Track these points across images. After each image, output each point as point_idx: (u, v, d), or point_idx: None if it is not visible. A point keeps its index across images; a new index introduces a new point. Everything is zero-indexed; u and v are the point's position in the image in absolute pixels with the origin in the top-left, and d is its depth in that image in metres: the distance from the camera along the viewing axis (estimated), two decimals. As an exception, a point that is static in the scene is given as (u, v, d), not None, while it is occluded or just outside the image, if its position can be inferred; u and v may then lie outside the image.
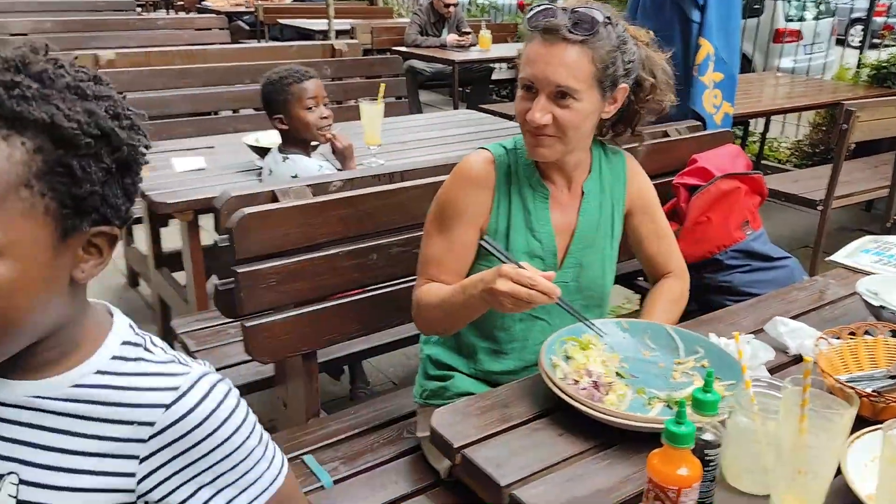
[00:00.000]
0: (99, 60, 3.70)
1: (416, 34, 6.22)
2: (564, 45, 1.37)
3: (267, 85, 2.37)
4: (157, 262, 2.96)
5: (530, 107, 1.41)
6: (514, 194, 1.53)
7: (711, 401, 1.00)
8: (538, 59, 1.39)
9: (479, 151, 1.56)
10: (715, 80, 3.11)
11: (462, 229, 1.51)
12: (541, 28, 1.39)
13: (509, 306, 1.30)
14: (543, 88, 1.39)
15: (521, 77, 1.43)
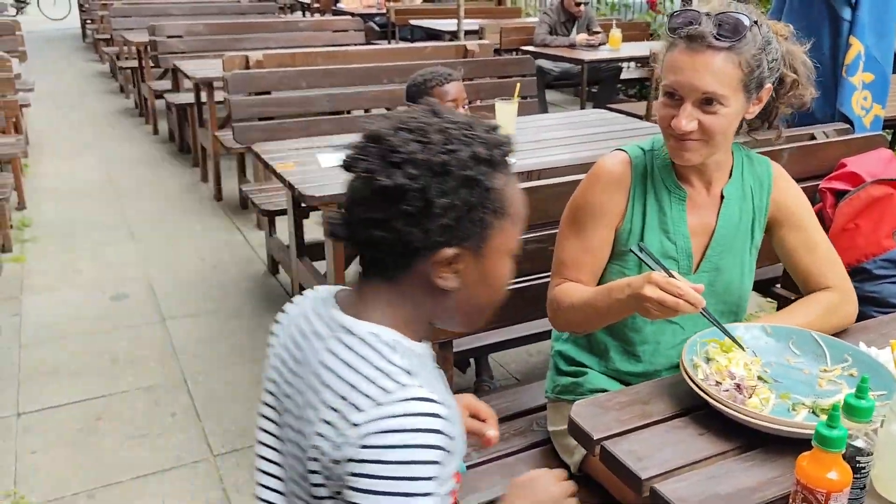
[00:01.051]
0: (249, 61, 3.95)
1: (545, 34, 6.23)
2: (710, 52, 1.36)
3: (412, 86, 2.47)
4: (298, 251, 3.14)
5: (674, 113, 1.41)
6: (650, 195, 1.53)
7: (865, 407, 0.99)
8: (683, 66, 1.37)
9: (615, 153, 1.57)
10: (865, 80, 2.97)
11: (597, 230, 1.53)
12: (684, 35, 1.38)
13: (655, 312, 1.32)
14: (689, 96, 1.39)
15: (665, 84, 1.42)
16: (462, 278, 0.94)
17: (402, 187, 0.87)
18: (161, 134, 6.67)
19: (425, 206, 0.87)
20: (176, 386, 2.90)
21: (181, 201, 5.00)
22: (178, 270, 3.93)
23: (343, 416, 0.87)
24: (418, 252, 0.91)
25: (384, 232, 0.89)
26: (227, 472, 2.43)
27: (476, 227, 0.91)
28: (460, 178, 0.88)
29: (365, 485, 0.85)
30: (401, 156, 0.88)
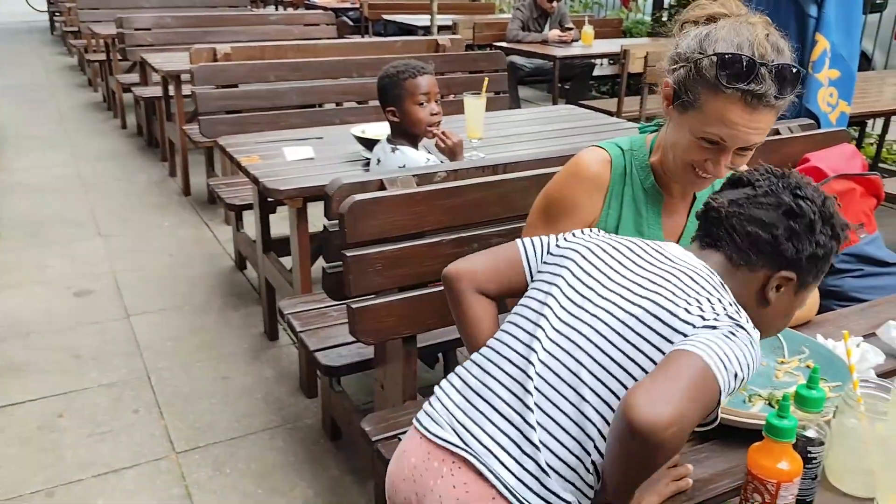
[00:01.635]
0: (217, 54, 3.90)
1: (518, 30, 6.23)
2: (766, 110, 1.28)
3: (384, 78, 2.44)
4: (265, 246, 3.10)
5: (710, 157, 1.34)
6: (627, 196, 1.52)
7: (816, 398, 0.99)
8: (739, 123, 1.28)
9: (594, 150, 1.54)
10: (831, 77, 3.00)
11: (568, 225, 1.51)
12: (744, 90, 1.25)
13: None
14: (734, 146, 1.32)
15: (711, 133, 1.31)
16: (777, 301, 1.15)
17: (802, 211, 1.12)
18: (129, 128, 6.58)
19: (808, 232, 1.12)
20: (139, 382, 2.86)
21: (149, 196, 4.93)
22: (144, 266, 3.88)
23: (714, 309, 1.06)
24: (773, 262, 1.13)
25: (764, 232, 1.12)
26: (190, 469, 2.40)
27: (817, 274, 1.16)
28: (834, 231, 1.14)
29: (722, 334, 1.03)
30: (805, 194, 1.14)
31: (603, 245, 1.21)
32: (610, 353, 1.07)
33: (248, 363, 3.00)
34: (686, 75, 1.33)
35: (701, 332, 1.03)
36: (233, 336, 3.20)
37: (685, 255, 1.17)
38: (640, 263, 1.16)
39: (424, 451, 1.15)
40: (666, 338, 1.05)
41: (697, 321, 1.04)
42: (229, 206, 3.47)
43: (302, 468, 2.41)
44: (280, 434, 2.57)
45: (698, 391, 0.95)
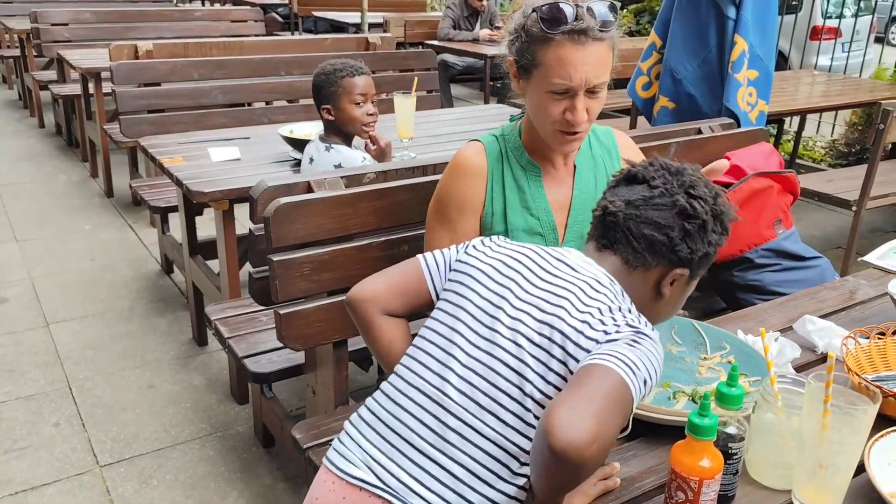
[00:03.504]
0: (138, 51, 3.77)
1: (449, 28, 6.24)
2: (595, 44, 1.38)
3: (320, 75, 2.40)
4: (191, 250, 3.02)
5: (565, 107, 1.42)
6: (508, 176, 1.57)
7: (735, 395, 1.01)
8: (575, 62, 1.37)
9: (470, 143, 1.61)
10: (750, 77, 3.09)
11: (464, 220, 1.57)
12: (567, 31, 1.37)
13: None
14: (581, 89, 1.40)
15: (556, 82, 1.39)
16: (670, 295, 1.18)
17: (696, 212, 1.14)
18: (48, 127, 6.31)
19: (701, 233, 1.15)
20: (59, 394, 2.74)
21: (69, 198, 4.74)
22: (64, 272, 3.72)
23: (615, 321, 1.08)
24: (668, 261, 1.15)
25: (660, 234, 1.14)
26: (115, 483, 2.31)
27: (706, 266, 1.19)
28: (723, 230, 1.18)
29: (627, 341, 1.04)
30: (698, 193, 1.16)
31: (506, 260, 1.19)
32: (526, 374, 1.06)
33: (175, 371, 2.91)
34: (520, 45, 1.44)
35: (605, 346, 1.04)
36: (159, 343, 3.10)
37: (586, 263, 1.18)
38: (543, 277, 1.15)
39: (340, 497, 1.09)
40: (573, 355, 1.05)
41: (601, 336, 1.05)
42: (154, 208, 3.36)
43: (233, 477, 2.35)
44: (210, 443, 2.51)
45: (614, 403, 0.95)
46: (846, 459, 0.93)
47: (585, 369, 1.00)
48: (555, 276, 1.15)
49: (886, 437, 1.09)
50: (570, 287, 1.12)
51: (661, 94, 3.18)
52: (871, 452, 1.06)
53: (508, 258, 1.19)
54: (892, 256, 1.91)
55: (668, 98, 3.17)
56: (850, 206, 3.48)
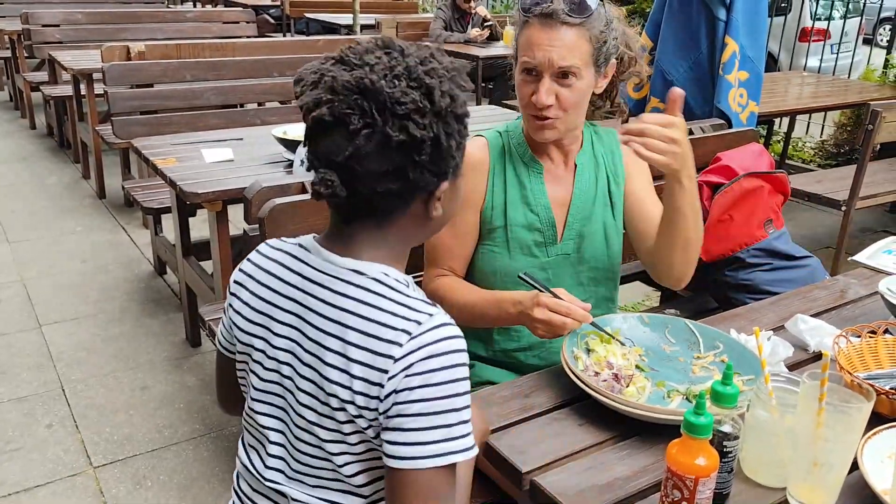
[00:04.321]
0: (130, 52, 3.76)
1: (440, 29, 6.24)
2: (564, 28, 1.43)
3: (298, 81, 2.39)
4: (184, 251, 3.02)
5: (533, 89, 1.46)
6: (510, 172, 1.59)
7: (730, 393, 1.02)
8: (540, 42, 1.43)
9: (474, 138, 1.62)
10: (741, 78, 3.11)
11: (464, 215, 1.58)
12: (537, 13, 1.44)
13: (542, 332, 1.38)
14: (546, 70, 1.44)
15: (523, 61, 1.47)
16: (444, 205, 1.00)
17: (418, 138, 0.89)
18: (39, 129, 6.29)
19: (437, 151, 0.92)
20: (52, 395, 2.74)
21: (61, 200, 4.72)
22: (56, 273, 3.71)
23: (379, 353, 0.91)
24: (421, 191, 0.95)
25: (397, 181, 0.92)
26: (108, 484, 2.31)
27: (461, 157, 0.98)
28: (457, 118, 0.94)
29: (416, 409, 0.90)
30: (406, 108, 0.89)
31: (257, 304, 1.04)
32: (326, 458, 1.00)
33: (168, 371, 2.91)
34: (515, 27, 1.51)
35: (391, 410, 0.91)
36: (152, 344, 3.10)
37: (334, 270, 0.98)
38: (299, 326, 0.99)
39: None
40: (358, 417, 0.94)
41: (379, 392, 0.91)
42: (147, 209, 3.36)
43: (227, 478, 2.35)
44: (204, 443, 2.51)
45: (437, 498, 0.92)
46: (840, 457, 0.94)
47: (392, 480, 0.92)
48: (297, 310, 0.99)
49: (879, 434, 1.11)
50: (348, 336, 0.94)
51: (653, 94, 3.20)
52: (864, 450, 1.07)
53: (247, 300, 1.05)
54: (881, 256, 1.93)
55: (659, 99, 3.18)
56: (839, 206, 3.51)
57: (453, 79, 0.94)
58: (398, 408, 0.91)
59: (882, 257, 1.92)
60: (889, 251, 1.95)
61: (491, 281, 1.60)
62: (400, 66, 0.91)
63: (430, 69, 0.92)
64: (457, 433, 0.92)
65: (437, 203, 0.99)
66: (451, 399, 0.91)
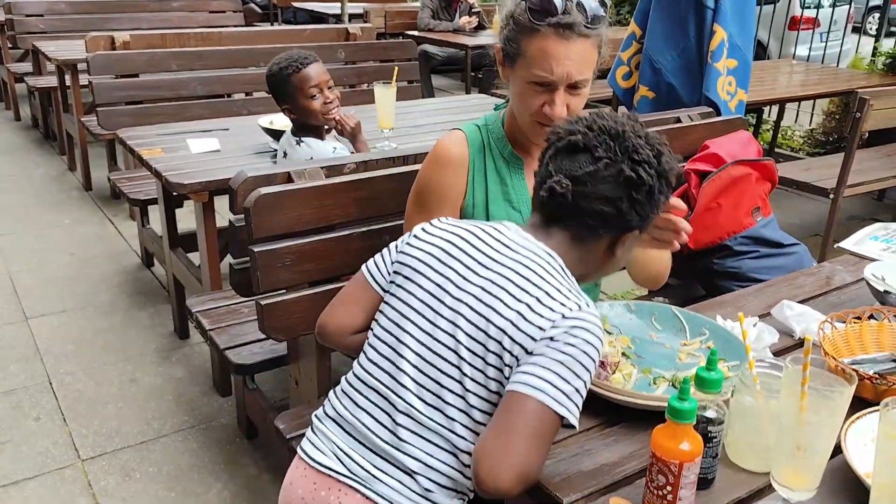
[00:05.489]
0: (115, 42, 3.73)
1: (428, 18, 6.22)
2: (581, 40, 1.38)
3: (270, 77, 2.36)
4: (171, 242, 3.00)
5: (545, 100, 1.42)
6: (490, 168, 1.56)
7: (714, 379, 1.03)
8: (558, 56, 1.37)
9: (451, 133, 1.59)
10: (729, 66, 3.11)
11: (443, 210, 1.55)
12: (554, 23, 1.37)
13: None
14: (562, 83, 1.40)
15: (538, 74, 1.39)
16: (622, 252, 1.21)
17: (642, 180, 1.13)
18: (24, 120, 6.23)
19: (650, 199, 1.15)
20: (40, 388, 2.72)
21: (47, 192, 4.69)
22: (43, 266, 3.68)
23: (552, 308, 1.08)
24: (622, 228, 1.17)
25: (610, 208, 1.14)
26: (96, 476, 2.30)
27: (654, 219, 1.21)
28: (669, 187, 1.18)
29: (561, 358, 1.04)
30: (641, 157, 1.14)
31: (445, 246, 1.20)
32: (464, 370, 1.11)
33: (157, 364, 2.90)
34: (509, 32, 1.44)
35: (535, 357, 1.05)
36: (140, 336, 3.08)
37: (524, 241, 1.18)
38: (483, 262, 1.16)
39: (311, 482, 1.18)
40: (508, 350, 1.08)
41: (536, 333, 1.07)
42: (133, 201, 3.34)
43: (217, 469, 2.35)
44: (193, 435, 2.50)
45: (539, 436, 1.02)
46: (823, 441, 0.94)
47: (512, 401, 1.04)
48: (493, 261, 1.15)
49: (862, 418, 1.11)
50: (507, 273, 1.13)
51: (642, 83, 3.20)
52: (847, 434, 1.08)
53: (447, 244, 1.20)
54: (867, 242, 1.94)
55: (648, 88, 3.18)
56: (827, 193, 3.52)
57: (671, 157, 1.19)
58: (545, 350, 1.05)
59: (868, 244, 1.93)
60: (875, 237, 1.96)
61: None
62: (643, 132, 1.17)
63: (662, 142, 1.19)
64: (576, 400, 1.05)
65: (622, 247, 1.19)
66: (584, 369, 1.05)
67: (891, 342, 1.35)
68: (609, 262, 1.22)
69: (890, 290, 1.49)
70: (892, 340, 1.35)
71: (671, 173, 1.17)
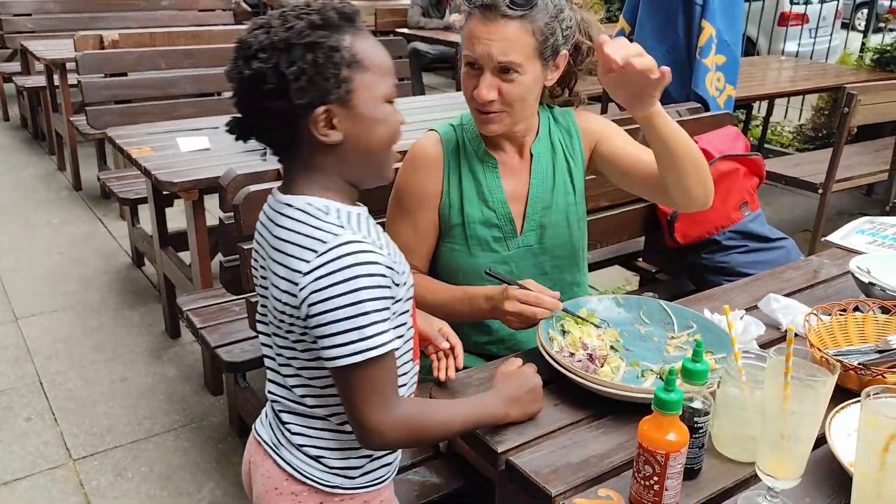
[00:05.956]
0: (104, 41, 3.72)
1: (418, 16, 6.22)
2: (504, 21, 1.40)
3: None
4: (161, 241, 2.99)
5: (476, 83, 1.44)
6: (465, 168, 1.57)
7: (700, 370, 1.04)
8: (480, 36, 1.41)
9: (427, 134, 1.60)
10: (717, 62, 3.12)
11: (423, 212, 1.57)
12: (478, 4, 1.41)
13: (516, 323, 1.41)
14: (487, 65, 1.42)
15: (465, 54, 1.45)
16: (343, 130, 1.06)
17: (259, 71, 1.01)
18: (13, 120, 6.21)
19: (281, 79, 1.01)
20: (30, 388, 2.71)
21: (36, 192, 4.67)
22: (33, 266, 3.67)
23: (294, 269, 1.04)
24: (295, 120, 1.04)
25: (264, 115, 1.05)
26: (88, 476, 2.30)
27: (333, 82, 1.04)
28: (302, 46, 1.02)
29: (328, 318, 1.01)
30: (253, 49, 1.02)
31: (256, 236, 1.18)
32: (281, 343, 1.13)
33: (148, 363, 2.89)
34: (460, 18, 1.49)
35: (310, 313, 1.02)
36: (131, 336, 3.08)
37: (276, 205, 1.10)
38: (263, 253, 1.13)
39: (251, 449, 1.26)
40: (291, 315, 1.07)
41: (293, 299, 1.04)
42: (123, 200, 3.33)
43: (209, 467, 2.35)
44: (185, 434, 2.50)
45: (374, 390, 1.05)
46: (807, 430, 0.95)
47: (333, 378, 1.07)
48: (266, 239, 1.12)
49: (846, 409, 1.12)
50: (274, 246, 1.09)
51: None
52: (831, 424, 1.09)
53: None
54: (854, 236, 1.95)
55: (637, 83, 3.19)
56: (816, 189, 3.54)
57: (308, 11, 1.04)
58: (314, 319, 1.03)
59: (855, 237, 1.94)
60: (862, 231, 1.98)
61: (455, 278, 1.60)
62: (266, 17, 1.06)
63: (287, 13, 1.04)
64: (369, 332, 1.02)
65: (327, 129, 1.05)
66: (356, 305, 1.01)
67: (875, 333, 1.36)
68: (346, 150, 1.07)
69: (875, 283, 1.50)
70: (877, 332, 1.36)
71: (295, 36, 1.01)
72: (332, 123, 1.05)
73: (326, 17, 1.03)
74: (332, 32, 1.04)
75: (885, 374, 1.17)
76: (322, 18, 1.03)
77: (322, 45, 1.02)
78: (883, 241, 1.90)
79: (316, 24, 1.03)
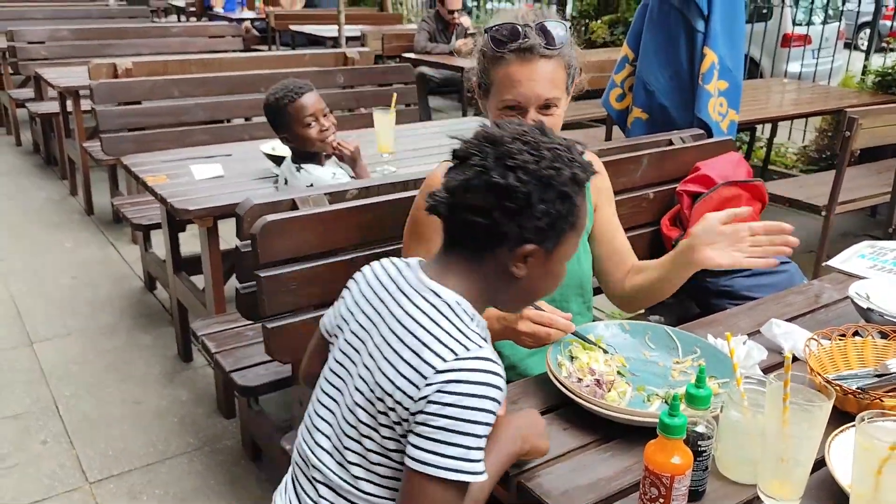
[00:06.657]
0: (117, 69, 3.80)
1: (425, 41, 6.31)
2: (543, 61, 1.47)
3: (266, 106, 2.44)
4: (175, 266, 3.05)
5: None
6: None
7: (703, 395, 1.08)
8: (521, 78, 1.47)
9: (443, 163, 1.63)
10: (720, 88, 3.17)
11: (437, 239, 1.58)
12: (513, 49, 1.47)
13: (529, 343, 1.43)
14: (531, 104, 1.49)
15: (506, 99, 1.50)
16: (530, 271, 1.10)
17: (512, 187, 1.03)
18: (25, 145, 6.30)
19: (526, 208, 1.04)
20: (46, 411, 2.76)
21: (49, 216, 4.74)
22: (46, 290, 3.73)
23: (426, 362, 1.02)
24: (505, 242, 1.07)
25: (484, 219, 1.05)
26: (104, 499, 2.34)
27: (556, 233, 1.09)
28: (558, 193, 1.06)
29: (441, 423, 0.99)
30: (515, 161, 1.04)
31: (357, 298, 1.17)
32: (364, 432, 1.09)
33: (161, 386, 2.94)
34: (480, 65, 1.55)
35: (421, 414, 1.01)
36: (144, 359, 3.13)
37: (416, 284, 1.11)
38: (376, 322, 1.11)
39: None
40: (394, 410, 1.04)
41: (413, 392, 1.02)
42: (136, 226, 3.39)
43: (223, 490, 2.39)
44: (198, 457, 2.54)
45: (447, 501, 1.01)
46: (806, 453, 0.99)
47: (408, 479, 1.03)
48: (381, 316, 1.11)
49: (845, 432, 1.16)
50: (390, 326, 1.08)
51: (635, 105, 3.26)
52: (831, 447, 1.13)
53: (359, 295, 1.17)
54: (855, 260, 1.99)
55: (641, 109, 3.25)
56: (819, 211, 3.58)
57: (567, 161, 1.07)
58: (425, 416, 1.01)
59: (855, 261, 1.98)
60: (862, 255, 2.02)
61: None
62: (531, 136, 1.08)
63: (559, 146, 1.08)
64: (473, 457, 1.00)
65: (521, 264, 1.09)
66: (473, 425, 1.00)
67: (874, 358, 1.40)
68: (516, 284, 1.12)
69: (873, 308, 1.54)
70: (875, 356, 1.40)
71: (558, 178, 1.05)
72: (529, 262, 1.09)
73: (583, 178, 1.09)
74: (579, 192, 1.09)
75: (883, 398, 1.21)
76: (583, 175, 1.09)
77: (572, 201, 1.08)
78: (883, 265, 1.94)
79: (577, 180, 1.08)
